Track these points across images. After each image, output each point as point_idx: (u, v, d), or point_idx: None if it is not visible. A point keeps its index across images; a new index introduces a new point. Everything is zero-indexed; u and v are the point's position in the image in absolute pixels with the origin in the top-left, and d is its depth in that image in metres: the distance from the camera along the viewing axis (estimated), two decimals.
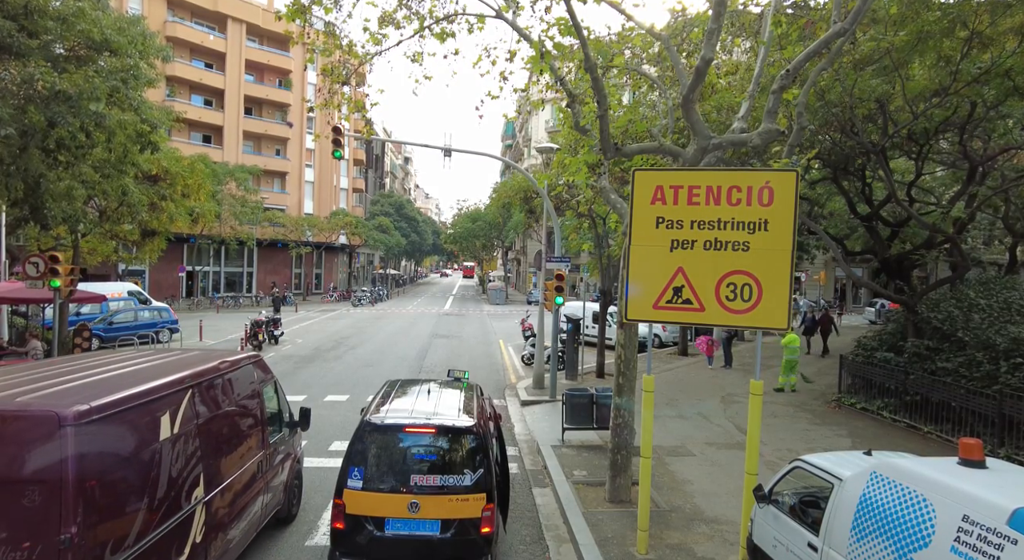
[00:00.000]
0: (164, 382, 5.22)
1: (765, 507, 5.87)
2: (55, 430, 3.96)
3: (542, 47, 8.17)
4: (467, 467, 6.21)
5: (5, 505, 3.87)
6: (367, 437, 6.30)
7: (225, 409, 6.30)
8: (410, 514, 6.02)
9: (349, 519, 6.04)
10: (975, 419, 10.79)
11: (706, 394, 16.04)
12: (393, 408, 6.81)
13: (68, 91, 10.16)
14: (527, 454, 11.20)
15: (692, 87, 7.43)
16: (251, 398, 7.01)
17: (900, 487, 4.33)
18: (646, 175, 6.85)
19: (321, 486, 9.21)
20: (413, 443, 6.34)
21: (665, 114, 9.68)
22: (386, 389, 7.65)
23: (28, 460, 3.99)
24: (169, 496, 4.96)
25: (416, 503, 6.03)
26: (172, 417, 5.16)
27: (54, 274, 13.64)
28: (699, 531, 7.72)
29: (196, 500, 5.34)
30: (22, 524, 3.84)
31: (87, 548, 3.92)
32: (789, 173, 6.53)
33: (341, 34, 10.37)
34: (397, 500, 6.04)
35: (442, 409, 6.82)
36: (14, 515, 3.85)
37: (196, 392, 5.66)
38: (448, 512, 6.06)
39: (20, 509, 3.86)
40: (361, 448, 6.24)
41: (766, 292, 6.40)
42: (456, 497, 6.08)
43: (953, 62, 11.50)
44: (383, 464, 6.25)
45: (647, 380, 7.05)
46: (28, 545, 3.81)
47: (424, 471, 6.20)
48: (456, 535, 6.04)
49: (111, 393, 4.56)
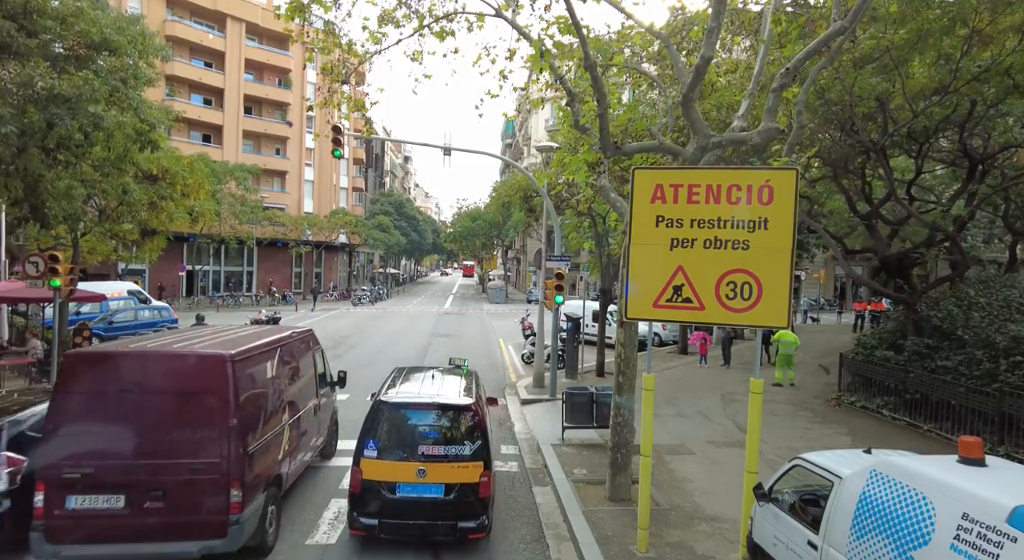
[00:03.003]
0: (265, 341, 7.82)
1: (765, 505, 5.87)
2: (223, 364, 6.54)
3: (542, 46, 8.17)
4: (467, 439, 7.20)
5: (199, 406, 6.45)
6: (380, 413, 7.28)
7: (295, 365, 8.75)
8: (418, 479, 7.00)
9: (365, 484, 7.03)
10: (975, 417, 10.80)
11: (706, 392, 16.05)
12: (402, 389, 7.88)
13: (67, 93, 10.15)
14: (527, 453, 11.20)
15: (692, 85, 7.43)
16: (308, 360, 9.48)
17: (900, 485, 4.33)
18: (646, 174, 6.85)
19: (323, 484, 9.21)
20: (420, 418, 7.34)
21: (665, 112, 9.68)
22: (395, 374, 8.68)
23: (210, 380, 6.50)
24: (273, 413, 7.53)
25: (423, 470, 7.00)
26: (271, 364, 7.79)
27: (54, 273, 13.62)
28: (699, 529, 7.72)
29: (284, 422, 7.89)
30: (209, 416, 6.40)
31: (239, 431, 6.45)
32: (789, 171, 6.53)
33: (340, 32, 10.35)
34: (407, 467, 7.02)
35: (445, 390, 7.85)
36: (204, 411, 6.42)
37: (281, 351, 8.21)
38: (450, 477, 7.05)
39: (207, 408, 6.43)
40: (375, 423, 7.22)
41: (766, 291, 6.40)
42: (457, 465, 7.08)
43: (953, 60, 11.50)
44: (394, 437, 7.21)
45: (647, 379, 7.05)
46: (213, 427, 6.37)
47: (430, 442, 7.16)
48: (457, 497, 7.03)
49: (241, 346, 7.10)
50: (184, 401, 6.47)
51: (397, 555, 7.18)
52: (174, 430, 6.39)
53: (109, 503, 6.24)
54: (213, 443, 6.36)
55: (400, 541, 7.34)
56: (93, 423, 6.35)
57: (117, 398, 6.42)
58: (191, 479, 6.31)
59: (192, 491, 6.33)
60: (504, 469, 10.26)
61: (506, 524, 8.10)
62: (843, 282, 49.09)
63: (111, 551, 6.26)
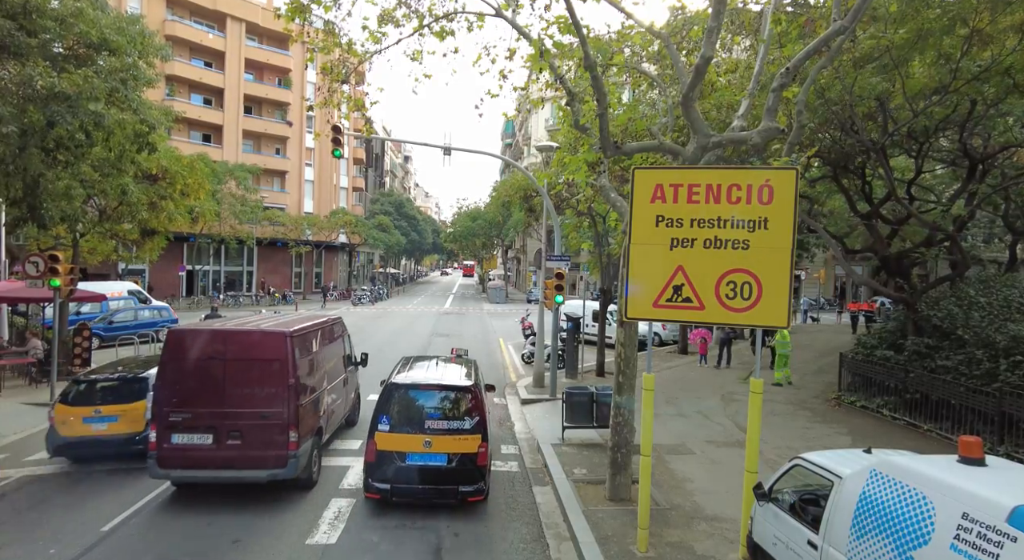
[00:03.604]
0: (311, 323, 9.94)
1: (765, 505, 5.87)
2: (284, 338, 8.54)
3: (542, 45, 8.16)
4: (466, 416, 8.26)
5: (266, 370, 8.39)
6: (392, 394, 8.39)
7: (330, 343, 10.78)
8: (424, 449, 8.04)
9: (379, 454, 8.08)
10: (975, 417, 10.80)
11: (706, 392, 16.05)
12: (411, 374, 9.00)
13: (67, 91, 10.14)
14: (527, 452, 11.20)
15: (692, 85, 7.42)
16: (339, 341, 11.70)
17: (900, 485, 4.33)
18: (646, 174, 6.85)
19: (322, 484, 9.22)
20: (427, 398, 8.43)
21: (665, 112, 9.67)
22: (403, 362, 9.93)
23: (275, 351, 8.49)
24: (316, 380, 9.53)
25: (429, 442, 8.07)
26: (315, 341, 9.80)
27: (54, 273, 13.63)
28: (699, 529, 7.72)
29: (323, 387, 9.91)
30: (274, 377, 8.37)
31: (296, 389, 8.41)
32: (789, 171, 6.52)
33: (340, 32, 10.35)
34: (415, 439, 8.09)
35: (448, 375, 9.04)
36: (270, 374, 8.39)
37: (321, 331, 10.20)
38: (452, 448, 8.08)
39: (272, 371, 8.40)
40: (388, 402, 8.32)
41: (766, 290, 6.40)
42: (458, 437, 8.12)
43: (953, 60, 11.49)
44: (404, 413, 8.27)
45: (647, 378, 7.05)
46: (277, 385, 8.35)
47: (435, 418, 8.22)
48: (459, 465, 8.06)
49: (295, 326, 9.16)
50: (255, 366, 8.51)
51: (397, 554, 7.18)
52: (248, 387, 8.42)
53: (202, 440, 8.33)
54: (277, 397, 8.39)
55: (401, 541, 7.44)
56: (189, 381, 8.44)
57: (206, 363, 8.47)
58: (261, 423, 8.34)
59: (262, 433, 8.31)
60: (504, 469, 10.27)
61: (506, 524, 8.10)
62: (843, 282, 49.09)
63: (203, 475, 8.38)
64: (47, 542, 7.28)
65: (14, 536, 7.45)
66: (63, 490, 8.93)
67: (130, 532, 7.62)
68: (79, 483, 9.22)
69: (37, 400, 14.13)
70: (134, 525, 7.82)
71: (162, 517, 8.09)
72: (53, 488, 9.01)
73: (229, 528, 7.74)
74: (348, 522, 7.95)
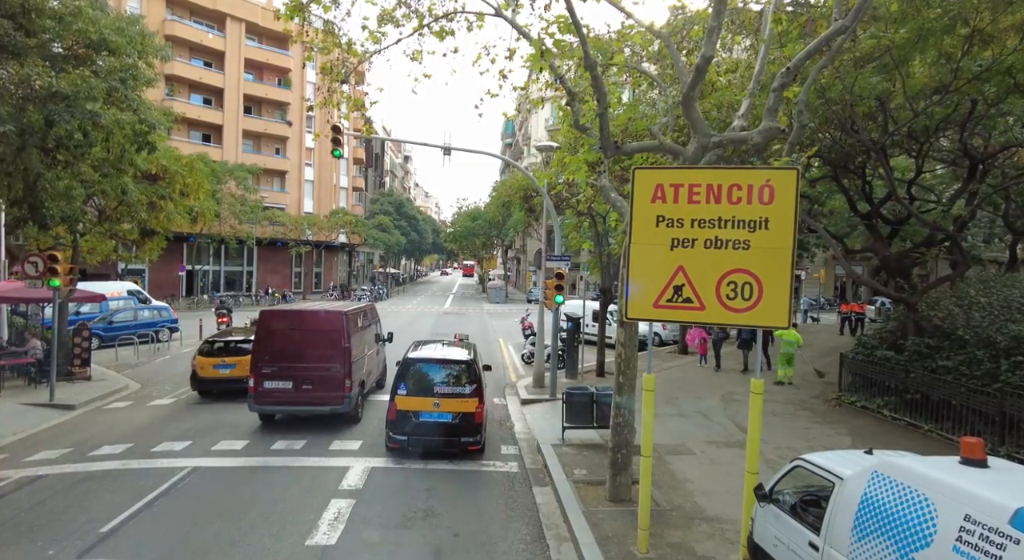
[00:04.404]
0: (357, 306, 14.00)
1: (766, 506, 5.85)
2: (342, 315, 12.10)
3: (542, 45, 8.14)
4: (467, 383, 10.55)
5: (329, 337, 11.86)
6: (408, 366, 10.72)
7: (368, 322, 14.38)
8: (434, 409, 10.31)
9: (399, 413, 10.33)
10: (976, 417, 10.77)
11: (706, 392, 16.03)
12: (422, 352, 11.38)
13: (65, 91, 10.10)
14: (527, 453, 11.18)
15: (692, 85, 7.40)
16: (374, 321, 15.27)
17: (901, 486, 4.31)
18: (646, 174, 6.82)
19: (321, 485, 9.20)
20: (436, 369, 10.71)
21: (665, 112, 9.65)
22: (414, 344, 12.31)
23: (335, 324, 12.00)
24: (360, 347, 12.73)
25: (438, 403, 10.34)
26: (360, 319, 13.19)
27: (53, 273, 13.61)
28: (700, 530, 7.70)
29: (364, 353, 13.24)
30: (334, 342, 11.85)
31: (348, 351, 11.85)
32: (790, 171, 6.49)
33: (340, 32, 10.33)
34: (427, 401, 10.35)
35: (451, 352, 11.43)
36: (331, 340, 11.87)
37: (363, 312, 13.86)
38: (456, 408, 10.33)
39: (333, 338, 11.87)
40: (405, 373, 10.62)
41: (767, 291, 6.37)
42: (460, 399, 10.37)
43: (954, 59, 11.47)
44: (417, 381, 10.55)
45: (647, 379, 7.03)
46: (336, 348, 11.81)
47: (442, 385, 10.51)
48: (460, 421, 10.31)
49: (347, 308, 12.94)
50: (321, 335, 12.00)
51: (397, 555, 7.16)
52: (316, 349, 11.87)
53: (284, 385, 11.82)
54: (336, 356, 11.91)
55: (400, 542, 7.44)
56: (275, 345, 11.90)
57: (287, 333, 12.04)
58: (325, 375, 11.83)
59: (326, 381, 11.82)
60: (504, 469, 10.26)
61: (507, 524, 8.08)
62: (843, 282, 49.06)
63: (285, 410, 12.20)
64: (46, 543, 7.26)
65: (12, 537, 7.43)
66: (62, 491, 8.91)
67: (128, 534, 7.60)
68: (78, 484, 9.20)
69: (36, 401, 14.12)
70: (132, 527, 7.79)
71: (161, 519, 8.07)
72: (52, 489, 8.99)
73: (227, 529, 7.71)
74: (348, 523, 7.93)
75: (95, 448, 10.92)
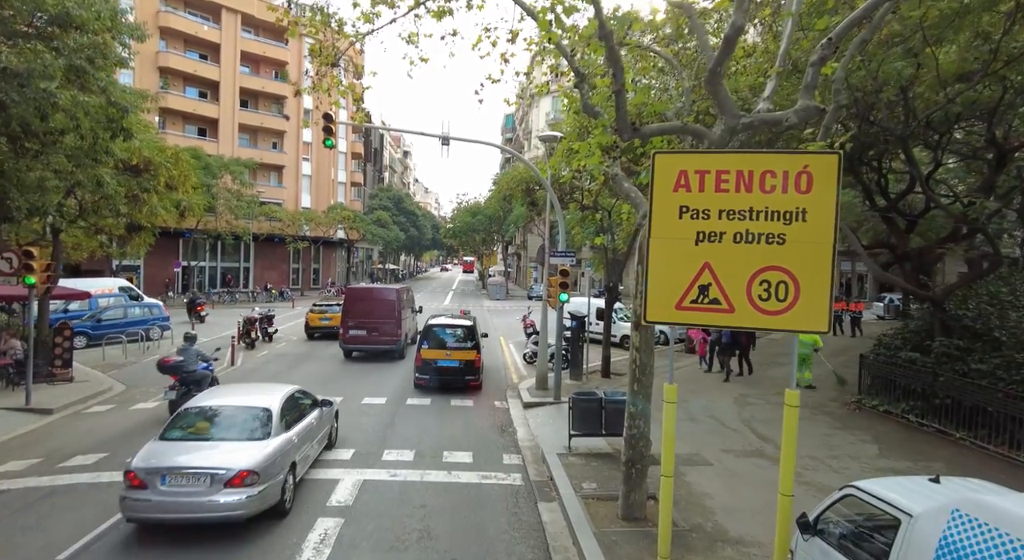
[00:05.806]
0: (402, 287, 23.87)
1: (810, 539, 5.08)
2: (397, 292, 21.23)
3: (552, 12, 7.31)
4: (468, 339, 15.76)
5: (388, 306, 20.40)
6: (430, 329, 15.90)
7: (409, 298, 23.85)
8: (447, 357, 15.43)
9: (423, 361, 15.43)
10: (1015, 425, 9.99)
11: (717, 394, 15.28)
12: (438, 320, 16.67)
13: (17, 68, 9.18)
14: (531, 463, 10.43)
15: (719, 60, 6.61)
16: (408, 299, 23.30)
17: (994, 532, 3.54)
18: (668, 158, 6.04)
19: (309, 503, 8.44)
20: (448, 331, 15.91)
21: (680, 95, 8.87)
22: (431, 316, 17.63)
23: (391, 296, 20.77)
24: (405, 311, 21.92)
25: (449, 353, 15.47)
26: (405, 295, 22.52)
27: (28, 270, 12.83)
28: (723, 554, 6.97)
29: (406, 317, 21.88)
30: (391, 308, 20.40)
31: (400, 314, 20.63)
32: (831, 155, 5.69)
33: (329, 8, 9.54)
34: (442, 353, 15.49)
35: (458, 320, 16.74)
36: (390, 307, 20.41)
37: (407, 290, 23.83)
38: (462, 357, 15.47)
39: (391, 307, 20.40)
40: (427, 334, 15.78)
41: (804, 291, 5.60)
42: (465, 351, 15.56)
43: (992, 39, 10.63)
44: (435, 339, 15.67)
45: (669, 390, 6.27)
46: (393, 312, 20.40)
47: (452, 341, 15.69)
48: (465, 366, 15.40)
49: (396, 287, 22.84)
50: (383, 303, 20.04)
51: None
52: (380, 310, 19.87)
53: (362, 332, 19.86)
54: (392, 316, 20.00)
55: None
56: (356, 308, 20.02)
57: (365, 302, 20.04)
58: (385, 326, 19.88)
59: (387, 330, 19.87)
60: (507, 482, 9.51)
61: (510, 547, 7.33)
62: (848, 278, 48.22)
63: (362, 347, 20.23)
64: None
65: None
66: (22, 510, 8.14)
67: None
68: (41, 501, 8.44)
69: (12, 405, 13.35)
70: (94, 552, 7.02)
71: (128, 542, 7.30)
72: (11, 507, 8.21)
73: (202, 556, 6.96)
74: (334, 547, 7.16)
75: (66, 458, 10.15)
